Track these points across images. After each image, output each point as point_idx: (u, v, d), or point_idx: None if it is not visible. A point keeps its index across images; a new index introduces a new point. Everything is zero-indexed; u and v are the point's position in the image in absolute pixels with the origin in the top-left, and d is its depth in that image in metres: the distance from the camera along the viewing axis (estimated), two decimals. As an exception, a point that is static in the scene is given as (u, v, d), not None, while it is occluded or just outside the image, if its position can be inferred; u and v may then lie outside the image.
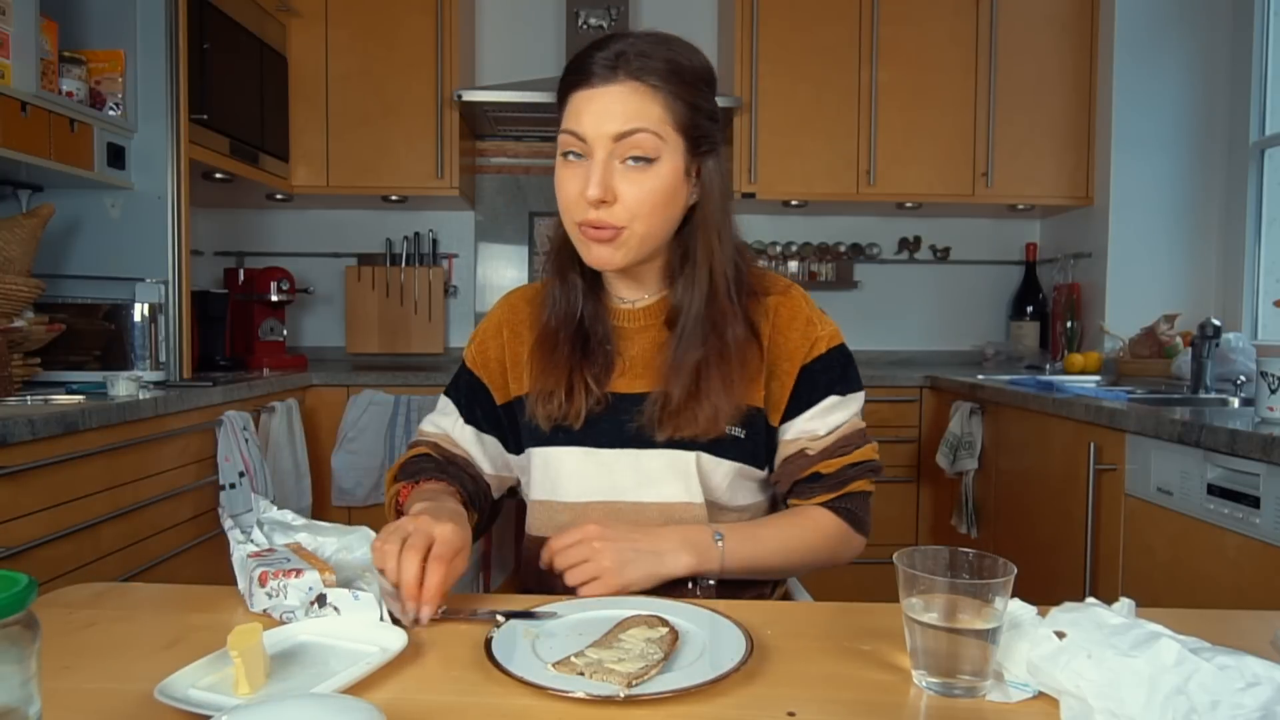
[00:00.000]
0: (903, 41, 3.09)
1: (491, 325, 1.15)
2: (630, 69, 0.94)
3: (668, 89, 0.95)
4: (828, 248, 3.51)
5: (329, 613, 0.79)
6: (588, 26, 3.11)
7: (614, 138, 0.94)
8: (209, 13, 2.44)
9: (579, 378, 1.03)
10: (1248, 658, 0.58)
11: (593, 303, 1.07)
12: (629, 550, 0.91)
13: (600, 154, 0.94)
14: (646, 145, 0.94)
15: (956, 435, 2.62)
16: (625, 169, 0.95)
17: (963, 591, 0.67)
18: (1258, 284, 2.90)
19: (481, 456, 1.13)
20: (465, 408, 1.13)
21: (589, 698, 0.64)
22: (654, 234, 0.99)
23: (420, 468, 1.09)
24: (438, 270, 3.37)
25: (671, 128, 0.95)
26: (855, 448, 1.07)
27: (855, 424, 1.09)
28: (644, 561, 0.92)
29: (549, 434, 1.05)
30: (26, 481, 1.51)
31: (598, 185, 0.93)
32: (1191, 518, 1.65)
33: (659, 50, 0.96)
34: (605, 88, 0.94)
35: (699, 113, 0.98)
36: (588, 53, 0.96)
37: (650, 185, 0.95)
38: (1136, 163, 3.04)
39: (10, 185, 2.13)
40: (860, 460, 1.07)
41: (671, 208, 0.98)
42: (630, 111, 0.93)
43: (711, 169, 1.01)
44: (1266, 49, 2.88)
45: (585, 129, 0.94)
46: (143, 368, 2.22)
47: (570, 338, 1.05)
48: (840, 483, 1.07)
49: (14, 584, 0.50)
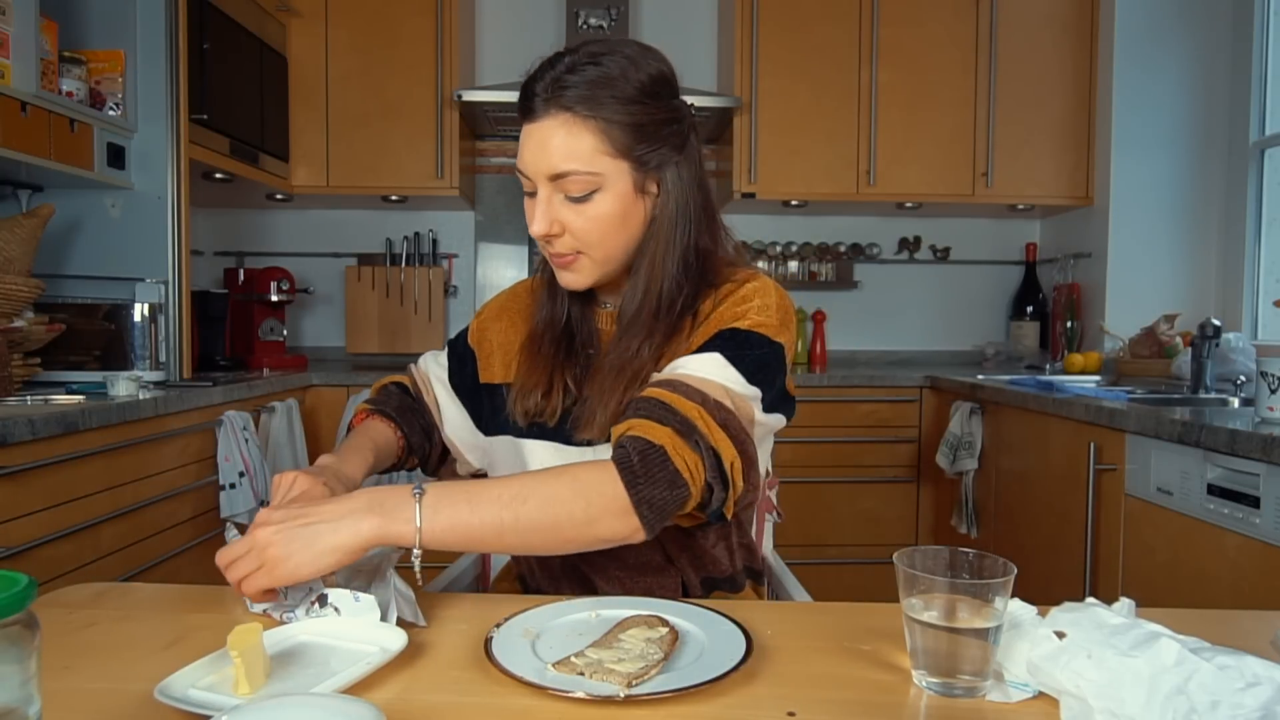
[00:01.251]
0: (903, 41, 3.09)
1: (495, 307, 1.20)
2: (561, 100, 0.92)
3: (601, 115, 0.92)
4: (828, 248, 3.51)
5: (329, 613, 0.79)
6: (588, 26, 3.11)
7: (549, 177, 0.94)
8: (209, 13, 2.44)
9: (559, 378, 1.04)
10: (1248, 658, 0.58)
11: (579, 306, 1.09)
12: (297, 529, 0.77)
13: (543, 191, 0.95)
14: (580, 185, 0.93)
15: (956, 435, 2.62)
16: (568, 202, 0.95)
17: (963, 591, 0.67)
18: (1258, 284, 2.90)
19: (450, 419, 1.16)
20: (454, 372, 1.17)
21: (589, 698, 0.64)
22: (613, 255, 0.99)
23: (387, 399, 1.16)
24: (438, 270, 3.37)
25: (608, 155, 0.93)
26: (684, 396, 0.88)
27: (707, 382, 0.89)
28: (312, 537, 0.76)
29: (524, 427, 1.07)
30: (26, 481, 1.51)
31: (541, 221, 0.95)
32: (1191, 518, 1.65)
33: (592, 70, 0.93)
34: (540, 121, 0.94)
35: (643, 129, 0.94)
36: (529, 80, 0.96)
37: (593, 214, 0.95)
38: (1136, 163, 3.04)
39: (10, 185, 2.13)
40: (674, 406, 0.87)
41: (626, 228, 0.98)
42: (561, 149, 0.93)
43: (671, 178, 0.98)
44: (1266, 49, 2.88)
45: (526, 167, 0.96)
46: (143, 368, 2.22)
47: (556, 339, 1.07)
48: (637, 409, 0.88)
49: (14, 584, 0.50)
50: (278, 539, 0.77)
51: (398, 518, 0.78)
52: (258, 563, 0.77)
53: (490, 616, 0.80)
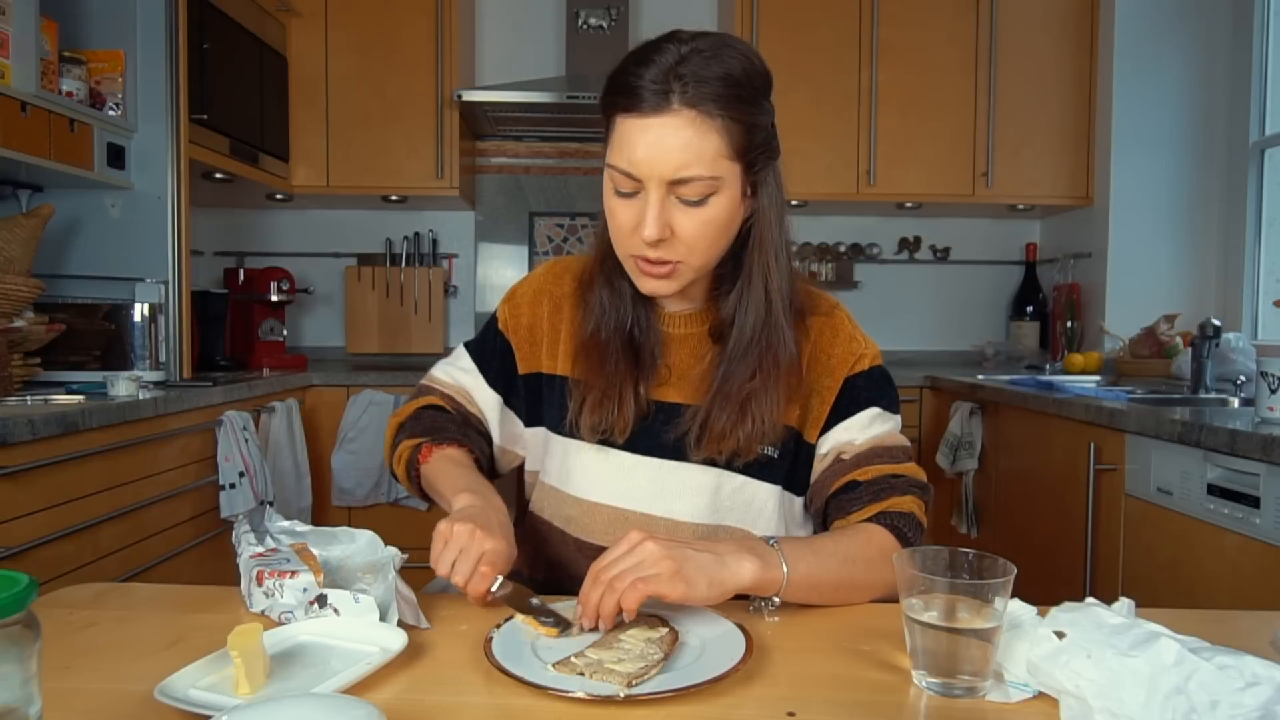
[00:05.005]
0: (903, 41, 3.09)
1: (530, 290, 1.12)
2: (685, 95, 0.85)
3: (725, 114, 0.86)
4: (828, 248, 3.51)
5: (329, 613, 0.79)
6: (588, 26, 3.11)
7: (669, 182, 0.87)
8: (209, 13, 2.44)
9: (629, 389, 1.00)
10: (1248, 658, 0.58)
11: (643, 311, 1.03)
12: (686, 552, 0.78)
13: (655, 194, 0.88)
14: (700, 189, 0.88)
15: (956, 435, 2.62)
16: (680, 204, 0.89)
17: (963, 591, 0.67)
18: (1258, 284, 2.90)
19: (497, 424, 1.10)
20: (493, 373, 1.10)
21: (589, 698, 0.64)
22: (710, 262, 0.95)
23: (439, 425, 1.06)
24: (438, 270, 3.37)
25: (728, 158, 0.88)
26: (897, 461, 0.99)
27: (898, 439, 1.02)
28: (705, 563, 0.78)
29: (591, 440, 1.03)
30: (26, 481, 1.51)
31: (654, 225, 0.88)
32: (1191, 518, 1.65)
33: (714, 66, 0.86)
34: (657, 118, 0.86)
35: (757, 130, 0.91)
36: (636, 69, 0.87)
37: (707, 218, 0.90)
38: (1136, 163, 3.04)
39: (10, 185, 2.13)
40: (903, 473, 0.98)
41: (728, 235, 0.94)
42: (685, 151, 0.86)
43: (770, 183, 0.95)
44: (1266, 49, 2.88)
45: (638, 170, 0.87)
46: (143, 368, 2.22)
47: (622, 347, 1.01)
48: (880, 492, 0.96)
49: (14, 584, 0.50)
50: (664, 552, 0.77)
51: (770, 563, 0.82)
52: (650, 574, 0.75)
53: (490, 617, 0.81)
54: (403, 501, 2.79)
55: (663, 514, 1.01)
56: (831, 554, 0.88)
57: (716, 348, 1.00)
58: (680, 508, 1.00)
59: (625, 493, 1.02)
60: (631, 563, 0.76)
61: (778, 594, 0.83)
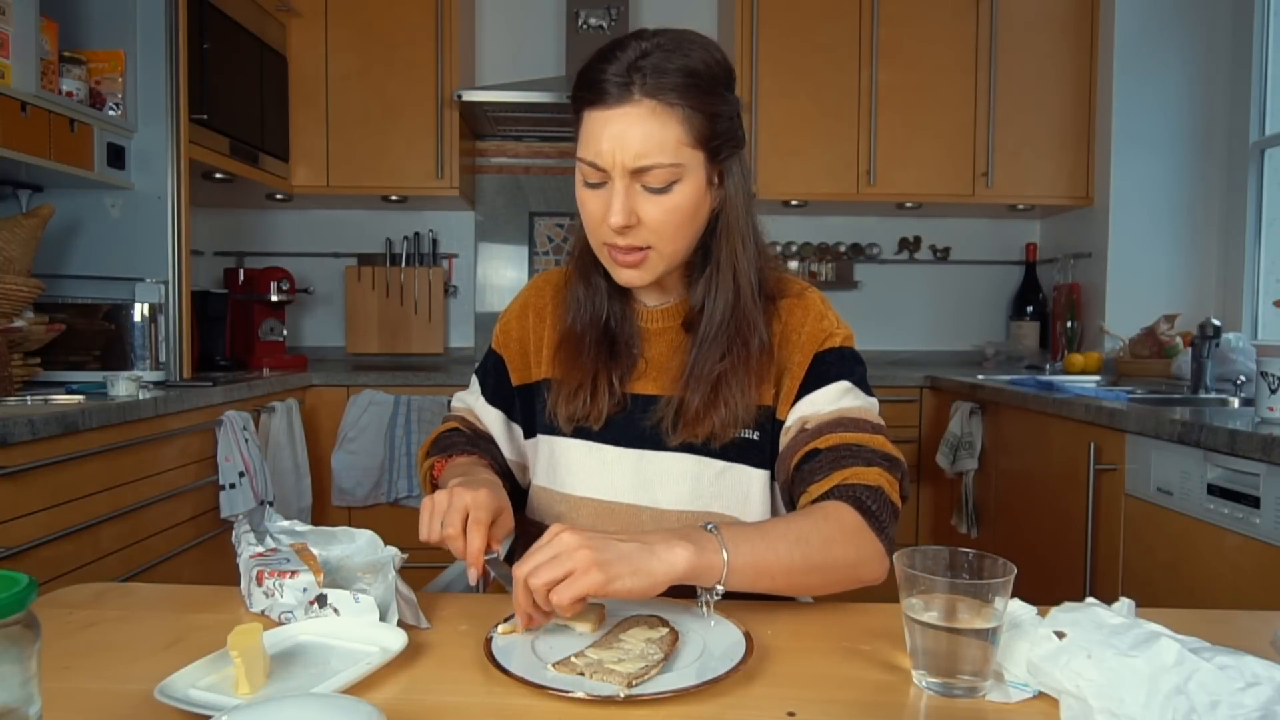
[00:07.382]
0: (903, 41, 3.09)
1: (517, 306, 1.16)
2: (645, 86, 0.88)
3: (686, 104, 0.89)
4: (828, 248, 3.51)
5: (329, 613, 0.79)
6: (588, 26, 3.11)
7: (631, 171, 0.90)
8: (209, 13, 2.44)
9: (604, 380, 1.02)
10: (1248, 658, 0.58)
11: (619, 304, 1.06)
12: (606, 542, 0.74)
13: (620, 183, 0.91)
14: (662, 176, 0.90)
15: (956, 435, 2.62)
16: (645, 192, 0.92)
17: (963, 591, 0.67)
18: (1258, 284, 2.90)
19: (504, 438, 1.13)
20: (490, 389, 1.14)
21: (589, 698, 0.64)
22: (680, 250, 0.97)
23: (451, 442, 1.10)
24: (438, 270, 3.37)
25: (690, 146, 0.91)
26: (862, 431, 0.95)
27: (868, 413, 0.98)
28: (627, 553, 0.73)
29: (568, 430, 1.05)
30: (26, 481, 1.51)
31: (619, 213, 0.90)
32: (1191, 518, 1.65)
33: (674, 59, 0.90)
34: (619, 108, 0.89)
35: (719, 119, 0.93)
36: (599, 64, 0.91)
37: (672, 205, 0.92)
38: (1136, 163, 3.04)
39: (10, 185, 2.13)
40: (866, 443, 0.94)
41: (695, 222, 0.96)
42: (647, 140, 0.89)
43: (735, 172, 0.98)
44: (1266, 49, 2.88)
45: (603, 160, 0.90)
46: (143, 368, 2.22)
47: (597, 340, 1.04)
48: (840, 459, 0.92)
49: (14, 584, 0.50)
50: (588, 547, 0.72)
51: (707, 548, 0.77)
52: (566, 569, 0.71)
53: (490, 616, 0.81)
54: (403, 501, 2.79)
55: (648, 504, 1.02)
56: (781, 536, 0.82)
57: (689, 337, 1.02)
58: (664, 496, 1.01)
59: (609, 485, 1.03)
60: (548, 556, 0.72)
61: (719, 582, 0.78)
